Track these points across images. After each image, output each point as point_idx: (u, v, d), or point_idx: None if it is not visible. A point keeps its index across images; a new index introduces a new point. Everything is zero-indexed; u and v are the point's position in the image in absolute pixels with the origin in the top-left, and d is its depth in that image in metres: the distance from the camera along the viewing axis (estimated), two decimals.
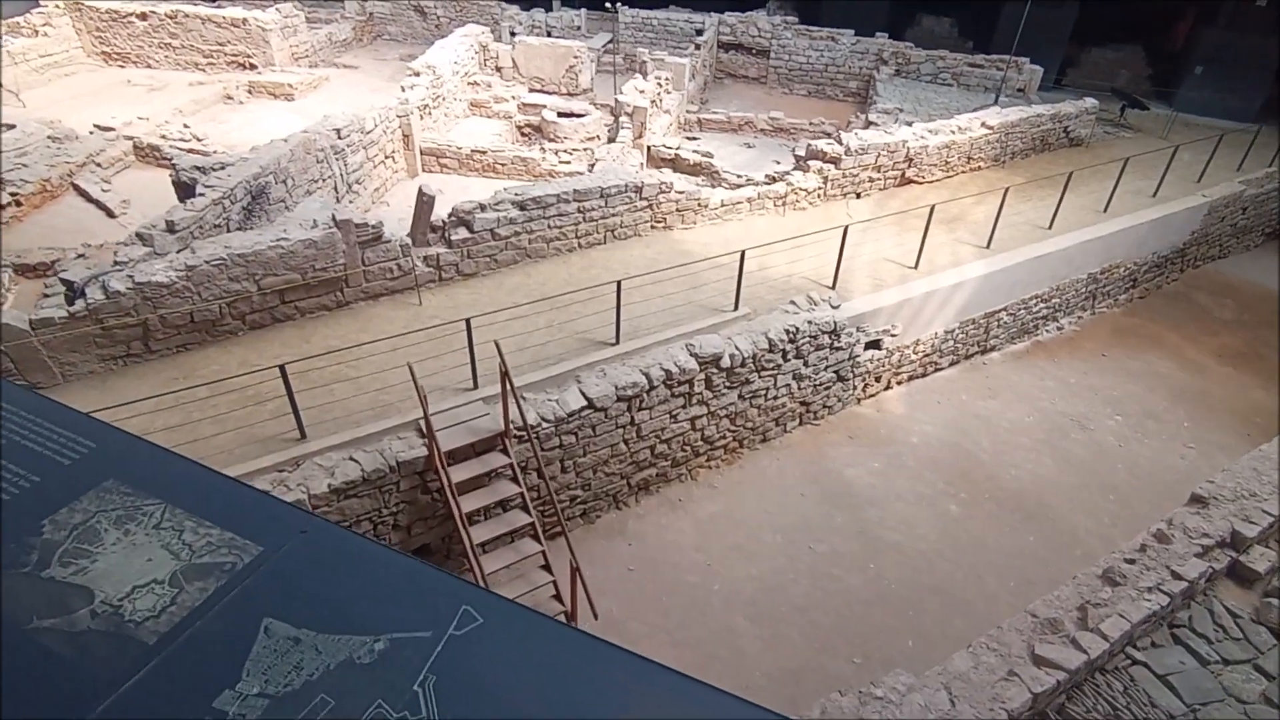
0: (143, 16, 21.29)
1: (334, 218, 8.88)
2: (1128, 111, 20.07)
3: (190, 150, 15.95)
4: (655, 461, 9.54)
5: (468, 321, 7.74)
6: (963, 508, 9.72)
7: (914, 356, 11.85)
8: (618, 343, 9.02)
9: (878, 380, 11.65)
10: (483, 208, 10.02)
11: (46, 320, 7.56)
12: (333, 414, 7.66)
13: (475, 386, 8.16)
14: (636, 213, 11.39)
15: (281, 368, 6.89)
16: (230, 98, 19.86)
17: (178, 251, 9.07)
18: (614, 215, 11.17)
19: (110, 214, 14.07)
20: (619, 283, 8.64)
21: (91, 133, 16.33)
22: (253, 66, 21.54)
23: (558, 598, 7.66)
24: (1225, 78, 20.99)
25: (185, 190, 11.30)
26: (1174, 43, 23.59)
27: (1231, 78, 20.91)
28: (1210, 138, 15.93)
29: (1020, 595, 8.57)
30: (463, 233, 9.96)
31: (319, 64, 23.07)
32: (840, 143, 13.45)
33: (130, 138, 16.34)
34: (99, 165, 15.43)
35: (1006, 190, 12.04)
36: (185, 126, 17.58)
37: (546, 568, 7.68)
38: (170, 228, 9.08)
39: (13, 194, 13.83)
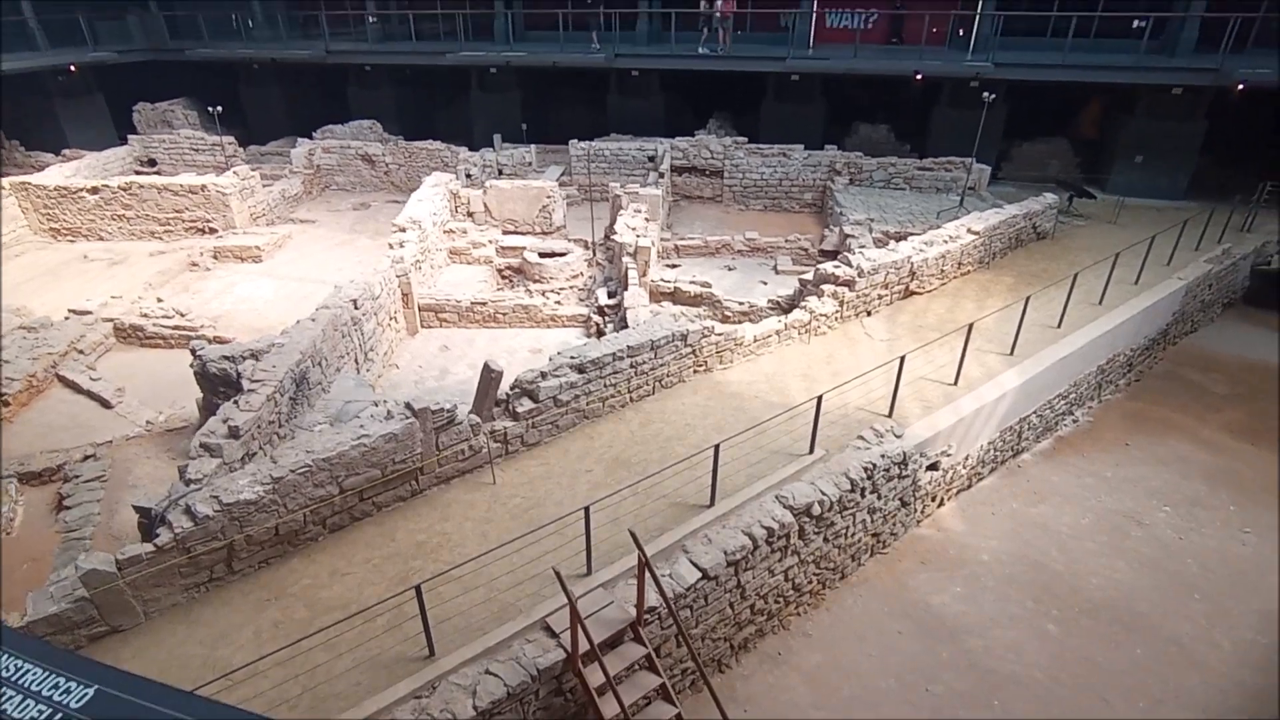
0: (94, 190, 20.90)
1: (410, 406, 8.59)
2: (1075, 200, 21.49)
3: (176, 327, 15.49)
4: (754, 618, 9.25)
5: (586, 510, 7.47)
6: (1060, 626, 9.68)
7: (963, 471, 12.01)
8: (713, 504, 8.85)
9: (933, 500, 11.72)
10: (544, 375, 9.86)
11: (133, 559, 6.95)
12: (453, 623, 7.18)
13: (589, 572, 7.83)
14: (681, 359, 11.42)
15: (417, 589, 6.45)
16: (196, 265, 19.47)
17: (242, 459, 8.62)
18: (662, 365, 11.16)
19: (106, 404, 13.34)
20: (716, 447, 8.54)
21: (67, 318, 15.64)
22: (212, 230, 21.25)
23: None
24: (1153, 161, 22.76)
25: (211, 381, 10.85)
26: (1094, 132, 25.63)
27: (1159, 161, 22.69)
28: (1173, 224, 17.17)
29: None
30: (527, 403, 9.75)
31: (275, 221, 22.92)
32: (849, 264, 13.92)
33: (109, 319, 15.71)
34: (81, 352, 14.75)
35: (1028, 299, 12.57)
36: (159, 301, 17.09)
37: None
38: (233, 433, 8.60)
39: None
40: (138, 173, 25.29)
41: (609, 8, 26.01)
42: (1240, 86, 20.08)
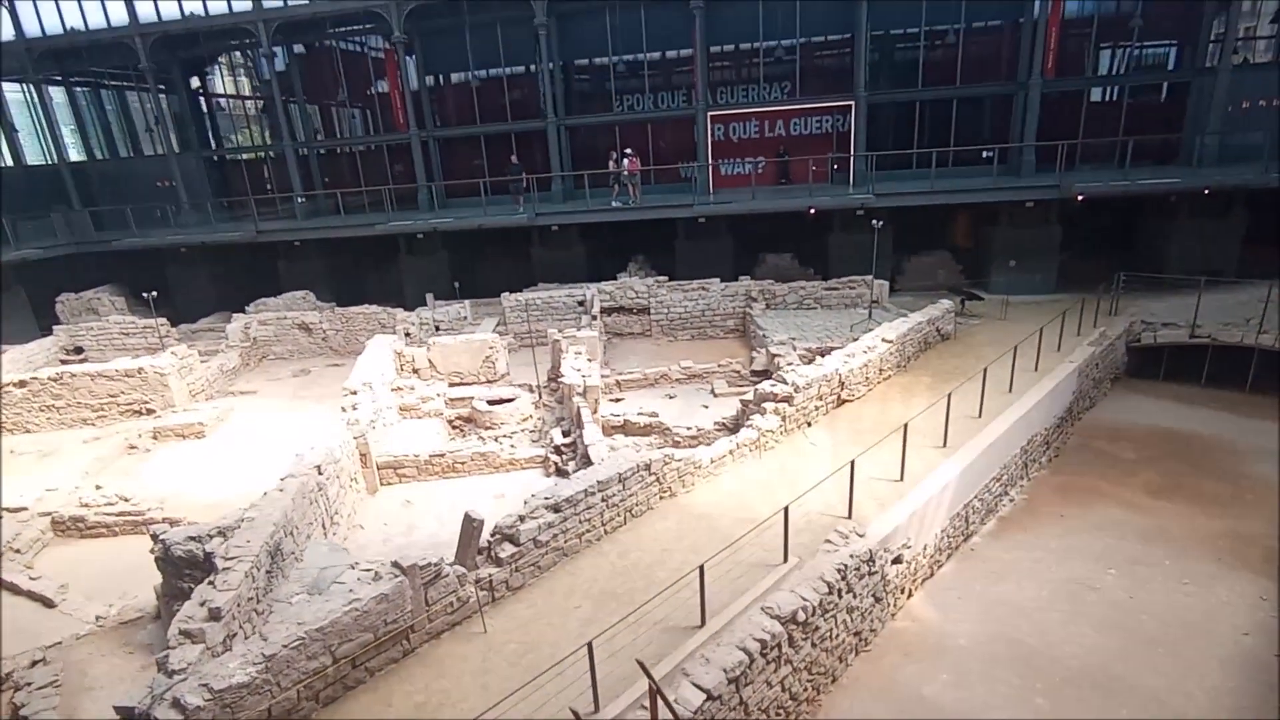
0: (21, 384, 20.33)
1: (398, 564, 8.66)
2: (966, 303, 23.59)
3: (121, 513, 15.05)
4: None
5: (589, 646, 7.61)
6: (1049, 699, 10.03)
7: (924, 561, 12.58)
8: (704, 624, 9.07)
9: (902, 592, 12.17)
10: (522, 519, 10.10)
11: None
12: None
13: (596, 710, 7.86)
14: (648, 488, 11.84)
15: None
16: (135, 447, 18.95)
17: (224, 641, 8.42)
18: (630, 495, 11.55)
19: (49, 604, 12.68)
20: (701, 568, 8.88)
21: (1, 517, 14.92)
22: (150, 411, 20.86)
23: None
24: (1024, 262, 25.41)
25: (176, 565, 10.58)
26: (969, 243, 28.46)
27: (1029, 262, 25.38)
28: (1053, 315, 19.07)
29: None
30: (509, 548, 9.92)
31: (215, 395, 22.71)
32: (785, 382, 14.86)
33: (46, 513, 15.09)
34: (17, 551, 14.07)
35: (950, 394, 13.69)
36: (99, 488, 16.50)
37: None
38: (214, 615, 8.41)
39: None
40: (64, 362, 24.81)
41: (526, 174, 27.95)
42: (1080, 197, 23.66)
